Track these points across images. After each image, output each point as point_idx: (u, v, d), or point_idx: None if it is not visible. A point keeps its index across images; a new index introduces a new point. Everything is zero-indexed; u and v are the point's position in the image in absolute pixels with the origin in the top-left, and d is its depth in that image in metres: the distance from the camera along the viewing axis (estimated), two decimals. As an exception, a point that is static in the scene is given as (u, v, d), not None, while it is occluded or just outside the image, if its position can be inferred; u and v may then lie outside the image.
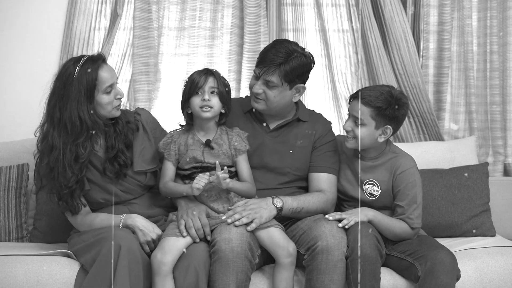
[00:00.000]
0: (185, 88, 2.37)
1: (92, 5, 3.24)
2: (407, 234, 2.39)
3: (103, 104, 2.32)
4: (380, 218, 2.38)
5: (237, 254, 2.18)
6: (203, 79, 2.34)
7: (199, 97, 2.34)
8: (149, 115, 2.56)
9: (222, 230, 2.24)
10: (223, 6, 3.30)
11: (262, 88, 2.43)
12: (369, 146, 2.44)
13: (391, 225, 2.38)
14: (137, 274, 2.16)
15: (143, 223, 2.33)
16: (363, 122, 2.38)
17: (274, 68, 2.38)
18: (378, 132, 2.40)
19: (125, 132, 2.42)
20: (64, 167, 2.28)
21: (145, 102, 3.23)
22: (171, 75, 3.31)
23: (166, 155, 2.39)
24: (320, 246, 2.22)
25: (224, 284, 2.16)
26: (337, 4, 3.35)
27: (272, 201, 2.36)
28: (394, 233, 2.39)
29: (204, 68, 2.42)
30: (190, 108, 2.38)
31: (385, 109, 2.36)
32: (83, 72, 2.27)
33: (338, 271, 2.21)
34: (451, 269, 2.21)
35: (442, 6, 3.30)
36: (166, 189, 2.40)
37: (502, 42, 3.35)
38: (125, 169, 2.41)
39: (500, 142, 3.37)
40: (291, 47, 2.42)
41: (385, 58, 3.24)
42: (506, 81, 3.36)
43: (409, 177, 2.40)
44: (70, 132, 2.28)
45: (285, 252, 2.24)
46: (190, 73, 2.43)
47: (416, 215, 2.38)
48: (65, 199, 2.32)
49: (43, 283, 2.27)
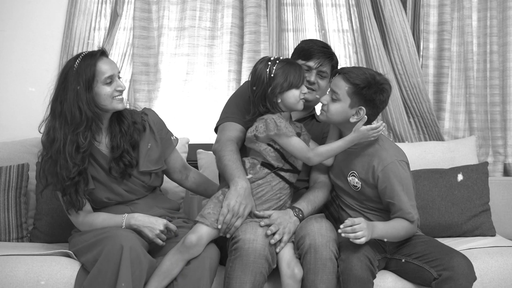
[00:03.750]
0: (281, 81, 2.34)
1: (92, 5, 3.24)
2: (411, 230, 2.34)
3: (102, 95, 2.32)
4: (385, 231, 2.29)
5: (259, 256, 2.18)
6: (300, 72, 2.38)
7: (299, 90, 2.37)
8: (156, 115, 2.56)
9: (247, 229, 2.23)
10: (223, 6, 3.30)
11: (316, 78, 2.59)
12: (339, 123, 2.39)
13: (395, 231, 2.31)
14: (139, 274, 2.16)
15: (145, 219, 2.33)
16: (338, 97, 2.34)
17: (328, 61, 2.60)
18: (351, 111, 2.34)
19: (130, 132, 2.42)
20: (66, 159, 2.28)
21: (145, 102, 3.23)
22: (171, 75, 3.31)
23: (291, 132, 2.33)
24: (308, 244, 2.21)
25: (241, 283, 2.16)
26: (337, 4, 3.35)
27: (294, 212, 2.35)
28: (400, 236, 2.33)
29: (294, 61, 2.44)
30: (281, 100, 2.36)
31: (362, 88, 2.30)
32: (82, 64, 2.30)
33: (327, 270, 2.20)
34: (469, 273, 2.20)
35: (442, 6, 3.31)
36: (322, 154, 2.34)
37: (502, 42, 3.36)
38: (130, 169, 2.41)
39: (500, 142, 3.37)
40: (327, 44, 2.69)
41: (385, 58, 3.25)
42: (506, 81, 3.36)
43: (391, 172, 2.31)
44: (70, 122, 2.29)
45: (290, 272, 2.22)
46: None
47: (411, 207, 2.31)
48: (69, 193, 2.32)
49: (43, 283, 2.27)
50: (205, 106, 3.31)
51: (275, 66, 2.34)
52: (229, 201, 2.26)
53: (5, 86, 3.23)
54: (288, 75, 2.34)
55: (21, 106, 3.21)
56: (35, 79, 3.18)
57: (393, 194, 2.31)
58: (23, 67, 3.22)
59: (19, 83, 3.22)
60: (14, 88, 3.23)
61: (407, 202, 2.30)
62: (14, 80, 3.22)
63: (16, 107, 3.22)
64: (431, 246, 2.32)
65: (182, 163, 2.63)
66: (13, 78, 3.23)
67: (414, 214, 2.32)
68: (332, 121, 2.39)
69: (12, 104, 3.22)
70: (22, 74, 3.22)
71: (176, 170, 2.61)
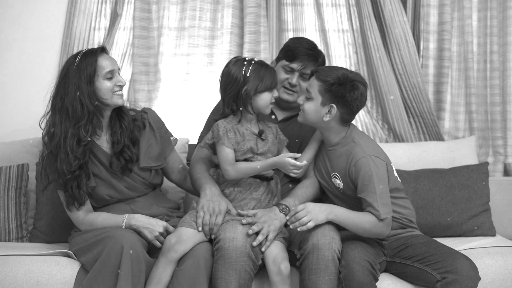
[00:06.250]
0: (257, 83, 2.35)
1: (92, 5, 3.24)
2: (380, 229, 2.28)
3: (103, 89, 2.35)
4: (345, 216, 2.27)
5: (240, 253, 2.18)
6: (275, 75, 2.39)
7: (271, 94, 2.38)
8: (155, 114, 2.58)
9: (227, 228, 2.24)
10: (223, 6, 3.30)
11: (298, 80, 2.60)
12: (315, 123, 2.40)
13: (358, 221, 2.27)
14: (139, 274, 2.16)
15: (145, 220, 2.34)
16: (311, 95, 2.36)
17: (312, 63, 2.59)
18: (324, 109, 2.34)
19: (131, 128, 2.44)
20: (67, 152, 2.30)
21: (145, 102, 3.23)
22: (171, 75, 3.31)
23: (227, 143, 2.33)
24: (311, 245, 2.21)
25: (226, 282, 2.17)
26: (337, 4, 3.35)
27: (279, 209, 2.36)
28: (363, 228, 2.28)
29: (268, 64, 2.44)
30: (253, 102, 2.37)
31: (331, 84, 2.31)
32: (84, 59, 2.33)
33: (329, 271, 2.20)
34: (474, 274, 2.19)
35: (442, 6, 3.30)
36: (240, 171, 2.34)
37: (502, 42, 3.36)
38: (130, 164, 2.43)
39: (500, 142, 3.37)
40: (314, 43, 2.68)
41: (385, 58, 3.24)
42: (506, 81, 3.36)
43: (362, 167, 2.29)
44: (71, 116, 2.31)
45: (276, 269, 2.22)
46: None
47: (381, 205, 2.27)
48: (71, 187, 2.32)
49: (43, 283, 2.27)
50: (205, 106, 3.30)
51: (250, 67, 2.35)
52: (201, 204, 2.31)
53: (5, 86, 3.23)
54: (264, 77, 2.35)
55: (21, 106, 3.21)
56: (35, 79, 3.18)
57: (363, 189, 2.29)
58: (23, 67, 3.22)
59: (19, 83, 3.22)
60: (14, 88, 3.23)
61: (376, 199, 2.27)
62: (14, 80, 3.22)
63: (16, 107, 3.22)
64: (432, 247, 2.31)
65: (180, 164, 2.64)
66: (13, 78, 3.22)
67: (384, 213, 2.27)
68: (309, 121, 2.40)
69: (12, 104, 3.22)
70: (22, 74, 3.22)
71: (175, 171, 2.62)
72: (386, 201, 2.30)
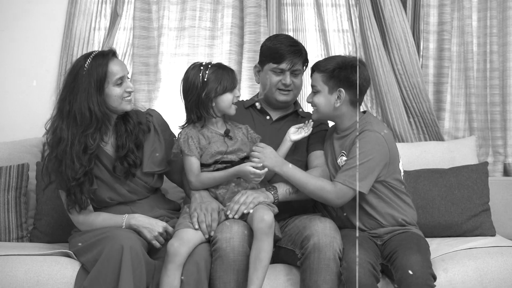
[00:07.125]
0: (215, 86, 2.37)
1: (92, 5, 3.25)
2: (324, 192, 2.33)
3: (113, 96, 2.33)
4: (291, 173, 2.34)
5: (238, 253, 2.19)
6: (233, 76, 2.42)
7: (232, 94, 2.40)
8: (160, 116, 2.57)
9: (223, 229, 2.24)
10: (223, 6, 3.30)
11: (291, 79, 2.59)
12: (329, 114, 2.43)
13: (305, 180, 2.33)
14: (140, 274, 2.16)
15: (145, 220, 2.34)
16: (316, 89, 2.41)
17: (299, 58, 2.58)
18: (333, 97, 2.39)
19: (136, 132, 2.43)
20: (72, 159, 2.28)
21: (145, 102, 3.23)
22: (171, 75, 3.31)
23: (187, 151, 2.36)
24: (312, 244, 2.22)
25: (225, 283, 2.17)
26: (337, 4, 3.35)
27: (266, 188, 2.40)
28: (307, 190, 2.34)
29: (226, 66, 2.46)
30: (215, 105, 2.38)
31: (332, 70, 2.37)
32: (94, 64, 2.29)
33: (330, 270, 2.20)
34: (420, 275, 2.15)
35: (442, 6, 3.31)
36: (203, 182, 2.38)
37: (502, 42, 3.36)
38: (134, 169, 2.42)
39: (500, 142, 3.37)
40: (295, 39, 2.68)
41: (385, 58, 3.25)
42: (506, 81, 3.36)
43: (365, 137, 2.32)
44: (79, 123, 2.28)
45: (259, 217, 2.21)
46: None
47: (344, 172, 2.30)
48: (74, 193, 2.31)
49: (43, 283, 2.27)
50: (205, 106, 3.31)
51: (207, 71, 2.38)
52: (194, 206, 2.34)
53: (5, 86, 3.23)
54: (222, 79, 2.38)
55: (21, 106, 3.21)
56: (35, 79, 3.18)
57: (349, 157, 2.34)
58: (23, 67, 3.22)
59: (19, 83, 3.22)
60: (14, 88, 3.23)
61: (349, 168, 2.31)
62: (14, 80, 3.22)
63: (16, 107, 3.21)
64: (399, 244, 2.30)
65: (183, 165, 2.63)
66: (13, 78, 3.22)
67: (339, 179, 2.31)
68: (323, 114, 2.44)
69: (12, 104, 3.22)
70: (22, 74, 3.22)
71: (177, 172, 2.61)
72: (353, 174, 2.30)
